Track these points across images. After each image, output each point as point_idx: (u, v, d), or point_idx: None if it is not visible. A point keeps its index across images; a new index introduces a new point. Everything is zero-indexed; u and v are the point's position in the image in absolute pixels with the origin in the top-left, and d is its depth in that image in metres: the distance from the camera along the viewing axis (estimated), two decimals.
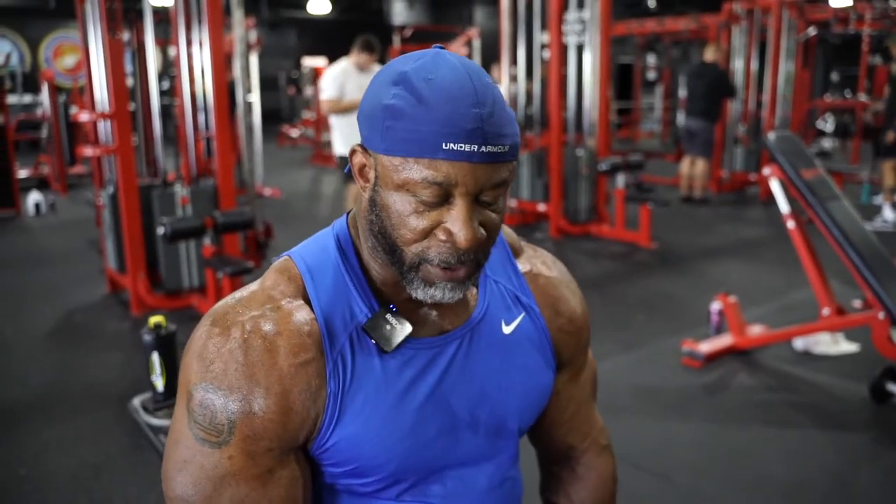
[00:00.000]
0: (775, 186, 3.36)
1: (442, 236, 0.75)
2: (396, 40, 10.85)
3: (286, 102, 16.74)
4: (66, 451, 2.70)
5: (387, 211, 0.76)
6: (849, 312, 3.28)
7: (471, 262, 0.77)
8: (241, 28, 4.73)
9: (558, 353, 0.96)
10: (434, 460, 0.86)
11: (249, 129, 5.08)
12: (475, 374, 0.87)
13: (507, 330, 0.90)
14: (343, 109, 4.83)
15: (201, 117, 4.55)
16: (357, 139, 0.82)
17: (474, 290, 0.89)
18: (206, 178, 4.62)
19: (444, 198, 0.74)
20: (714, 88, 7.39)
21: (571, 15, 6.03)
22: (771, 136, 3.34)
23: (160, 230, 3.86)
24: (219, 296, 4.08)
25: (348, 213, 0.89)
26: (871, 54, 9.70)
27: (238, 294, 0.84)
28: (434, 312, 0.86)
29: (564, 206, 6.24)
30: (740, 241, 6.19)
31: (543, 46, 6.53)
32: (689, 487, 2.38)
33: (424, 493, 0.87)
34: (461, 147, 0.71)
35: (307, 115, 14.12)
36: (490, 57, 13.23)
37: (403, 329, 0.82)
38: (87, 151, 4.36)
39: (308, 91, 13.88)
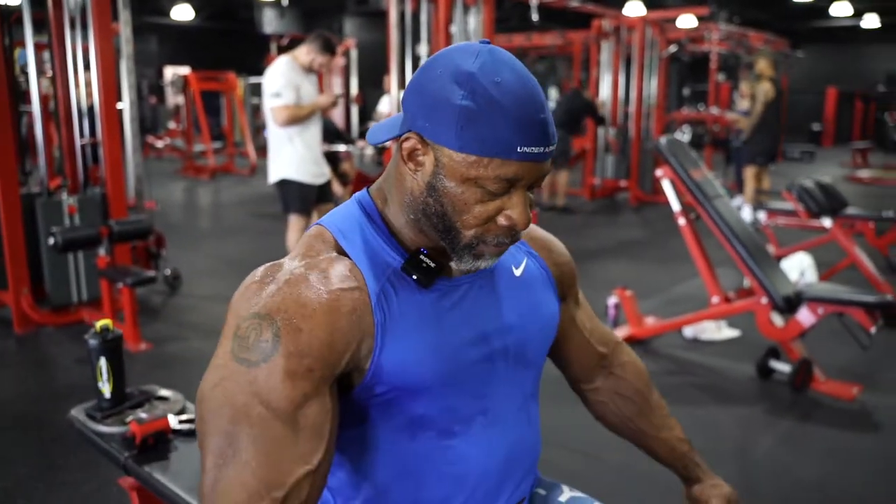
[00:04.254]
0: (667, 186, 3.65)
1: (504, 221, 0.87)
2: (273, 48, 10.69)
3: (149, 112, 16.01)
4: None
5: (449, 198, 0.86)
6: (734, 301, 3.62)
7: (516, 239, 0.90)
8: (129, 29, 4.55)
9: (560, 284, 1.11)
10: (475, 386, 0.95)
11: (135, 136, 4.86)
12: (500, 308, 0.99)
13: (517, 272, 1.04)
14: (307, 116, 3.97)
15: (83, 123, 4.30)
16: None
17: None
18: (91, 186, 4.38)
19: (507, 189, 0.85)
20: (579, 109, 7.85)
21: (456, 27, 6.22)
22: (662, 140, 3.64)
23: (51, 240, 3.63)
24: (114, 308, 3.87)
25: (368, 188, 0.98)
26: (718, 72, 10.65)
27: (272, 262, 0.91)
28: None
29: None
30: (619, 243, 6.61)
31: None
32: (620, 463, 2.55)
33: (469, 422, 0.95)
34: (532, 150, 0.83)
35: (172, 125, 13.58)
36: (366, 67, 13.32)
37: (437, 267, 0.92)
38: None
39: (172, 100, 13.36)
